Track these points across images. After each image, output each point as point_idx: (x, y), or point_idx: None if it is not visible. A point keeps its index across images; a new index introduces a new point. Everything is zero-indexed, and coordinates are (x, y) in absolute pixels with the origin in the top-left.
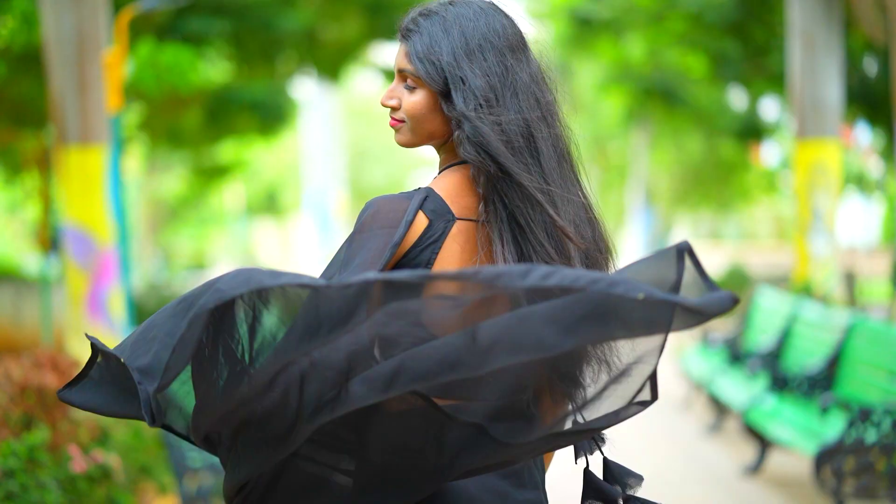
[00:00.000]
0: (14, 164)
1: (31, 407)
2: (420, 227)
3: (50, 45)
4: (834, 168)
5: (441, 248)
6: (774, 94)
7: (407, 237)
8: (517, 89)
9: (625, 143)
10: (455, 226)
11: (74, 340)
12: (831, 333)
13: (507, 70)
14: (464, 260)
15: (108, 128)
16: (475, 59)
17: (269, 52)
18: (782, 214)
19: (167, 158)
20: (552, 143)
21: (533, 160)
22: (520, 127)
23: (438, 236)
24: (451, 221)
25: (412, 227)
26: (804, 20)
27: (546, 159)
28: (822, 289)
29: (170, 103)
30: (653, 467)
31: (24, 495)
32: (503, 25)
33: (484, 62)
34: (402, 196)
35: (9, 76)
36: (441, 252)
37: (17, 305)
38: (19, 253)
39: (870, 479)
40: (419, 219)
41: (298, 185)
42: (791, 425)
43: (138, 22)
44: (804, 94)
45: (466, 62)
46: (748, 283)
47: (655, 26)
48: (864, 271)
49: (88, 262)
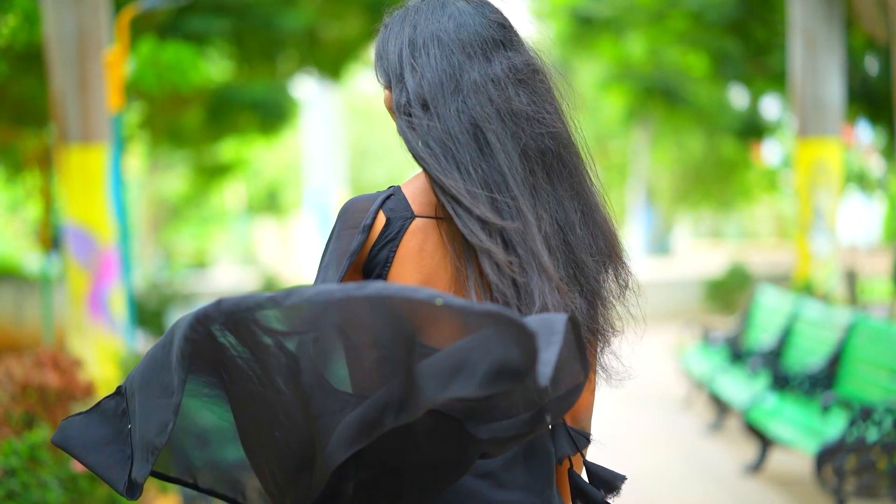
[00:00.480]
0: (15, 163)
1: (33, 406)
2: (379, 226)
3: (51, 44)
4: (835, 167)
5: (399, 246)
6: (775, 93)
7: (369, 237)
8: (462, 87)
9: (626, 141)
10: (413, 223)
11: (75, 339)
12: (832, 332)
13: (454, 67)
14: (422, 257)
15: (109, 127)
16: (418, 57)
17: (269, 51)
18: (783, 213)
19: (168, 157)
20: (515, 144)
21: (476, 160)
22: (460, 126)
23: (395, 234)
24: (409, 219)
25: (372, 228)
26: (805, 19)
27: (502, 159)
28: (823, 287)
29: (171, 102)
30: (653, 466)
31: (25, 494)
32: (462, 23)
33: (427, 59)
34: (370, 197)
35: (10, 75)
36: (399, 250)
37: (19, 304)
38: (20, 252)
39: (871, 478)
40: (379, 219)
41: (299, 184)
42: (792, 424)
43: (139, 21)
44: (805, 93)
45: (409, 59)
46: (749, 281)
47: (656, 25)
48: (866, 270)
49: (89, 261)
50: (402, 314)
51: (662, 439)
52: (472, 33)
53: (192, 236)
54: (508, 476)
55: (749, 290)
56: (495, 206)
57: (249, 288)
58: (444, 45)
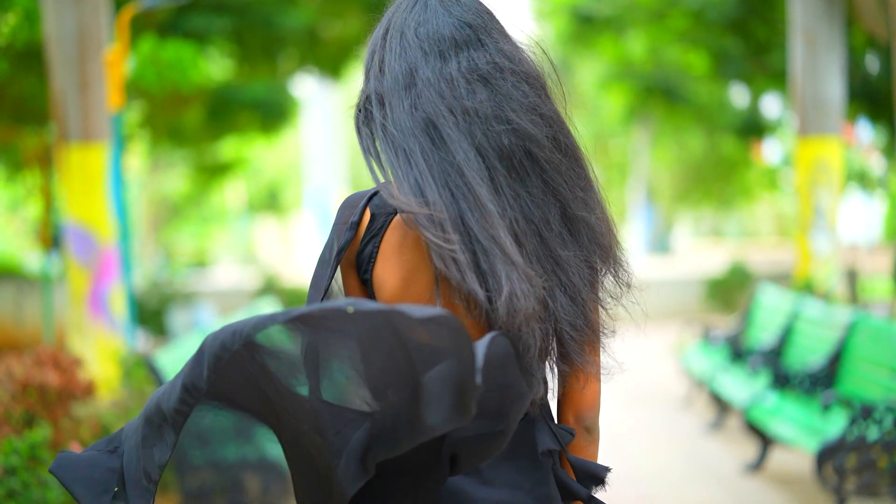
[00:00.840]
0: (15, 162)
1: (33, 405)
2: (366, 222)
3: (51, 43)
4: (835, 165)
5: (381, 241)
6: (776, 92)
7: (357, 234)
8: (416, 83)
9: (626, 140)
10: (395, 219)
11: (76, 338)
12: (833, 331)
13: (410, 64)
14: (402, 252)
15: (109, 126)
16: (386, 54)
17: (270, 50)
18: (784, 212)
19: (169, 156)
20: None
21: (428, 151)
22: (412, 121)
23: (378, 230)
24: (391, 215)
25: (360, 225)
26: (806, 17)
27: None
28: (823, 286)
29: (171, 101)
30: (654, 465)
31: (25, 493)
32: (425, 21)
33: (389, 56)
34: (363, 193)
35: (10, 74)
36: (381, 245)
37: (19, 303)
38: (21, 251)
39: (871, 477)
40: (366, 215)
41: (300, 182)
42: (792, 423)
43: (139, 19)
44: (806, 92)
45: (378, 56)
46: (749, 280)
47: (657, 24)
48: (866, 268)
49: (90, 260)
50: (319, 327)
51: (663, 438)
52: (432, 31)
53: (192, 235)
54: (494, 473)
55: (749, 289)
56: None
57: (249, 287)
58: (405, 43)
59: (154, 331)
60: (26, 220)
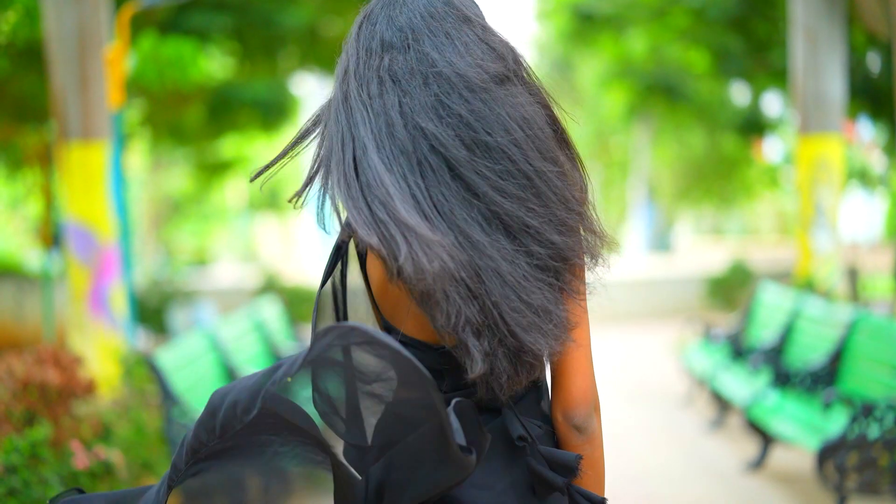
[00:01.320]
0: (16, 160)
1: (34, 403)
2: None
3: (52, 41)
4: (836, 163)
5: None
6: (777, 90)
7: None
8: (348, 79)
9: (627, 138)
10: None
11: (76, 337)
12: (834, 329)
13: (347, 67)
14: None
15: (109, 124)
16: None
17: (270, 48)
18: (785, 210)
19: (169, 154)
20: (396, 143)
21: (345, 134)
22: (355, 121)
23: None
24: None
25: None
26: (807, 15)
27: (387, 156)
28: (824, 284)
29: (172, 99)
30: (655, 464)
31: (26, 491)
32: (368, 20)
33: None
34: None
35: (11, 72)
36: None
37: (19, 302)
38: (21, 249)
39: (872, 475)
40: None
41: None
42: (793, 421)
43: (140, 17)
44: (807, 90)
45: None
46: (750, 278)
47: (658, 22)
48: (867, 267)
49: (90, 259)
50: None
51: (663, 437)
52: (368, 34)
53: (193, 234)
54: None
55: (750, 287)
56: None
57: (250, 285)
58: (349, 47)
59: (154, 329)
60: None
